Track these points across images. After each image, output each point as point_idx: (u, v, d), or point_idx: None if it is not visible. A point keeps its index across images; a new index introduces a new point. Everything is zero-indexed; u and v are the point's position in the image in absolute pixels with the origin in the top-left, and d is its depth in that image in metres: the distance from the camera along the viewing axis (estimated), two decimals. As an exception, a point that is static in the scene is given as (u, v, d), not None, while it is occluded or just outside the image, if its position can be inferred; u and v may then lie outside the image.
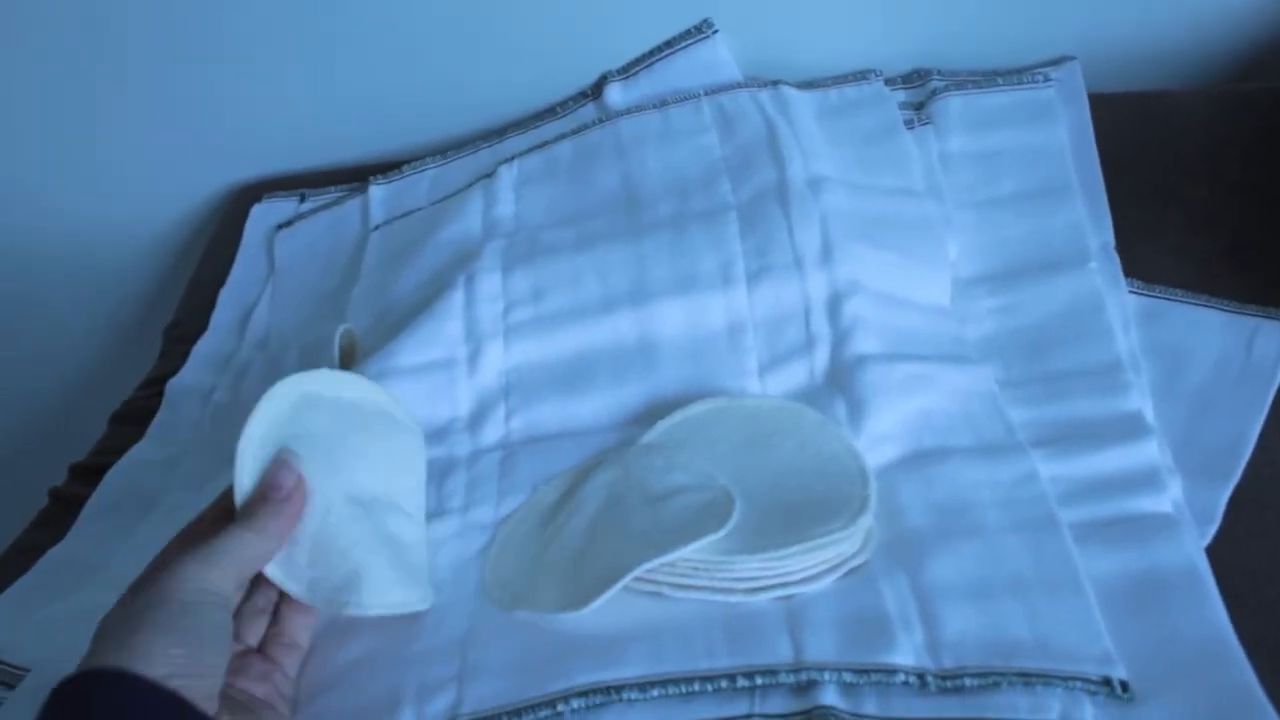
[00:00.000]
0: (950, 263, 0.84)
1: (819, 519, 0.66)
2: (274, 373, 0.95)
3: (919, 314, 0.81)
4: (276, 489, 0.63)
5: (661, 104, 0.98)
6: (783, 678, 0.59)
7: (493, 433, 0.79)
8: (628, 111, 0.99)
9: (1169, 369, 0.79)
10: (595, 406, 0.79)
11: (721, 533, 0.65)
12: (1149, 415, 0.74)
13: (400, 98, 1.10)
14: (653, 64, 1.03)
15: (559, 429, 0.79)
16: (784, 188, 0.85)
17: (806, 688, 0.59)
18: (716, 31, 1.01)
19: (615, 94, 1.04)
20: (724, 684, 0.59)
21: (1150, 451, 0.71)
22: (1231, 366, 0.78)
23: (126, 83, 1.10)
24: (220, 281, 1.07)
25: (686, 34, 1.02)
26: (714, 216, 0.85)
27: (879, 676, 0.59)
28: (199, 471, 0.90)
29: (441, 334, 0.82)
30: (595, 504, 0.70)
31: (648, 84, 1.03)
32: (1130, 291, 0.82)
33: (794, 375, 0.78)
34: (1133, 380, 0.75)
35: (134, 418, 1.00)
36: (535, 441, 0.78)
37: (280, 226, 1.09)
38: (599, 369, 0.80)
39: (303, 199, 1.11)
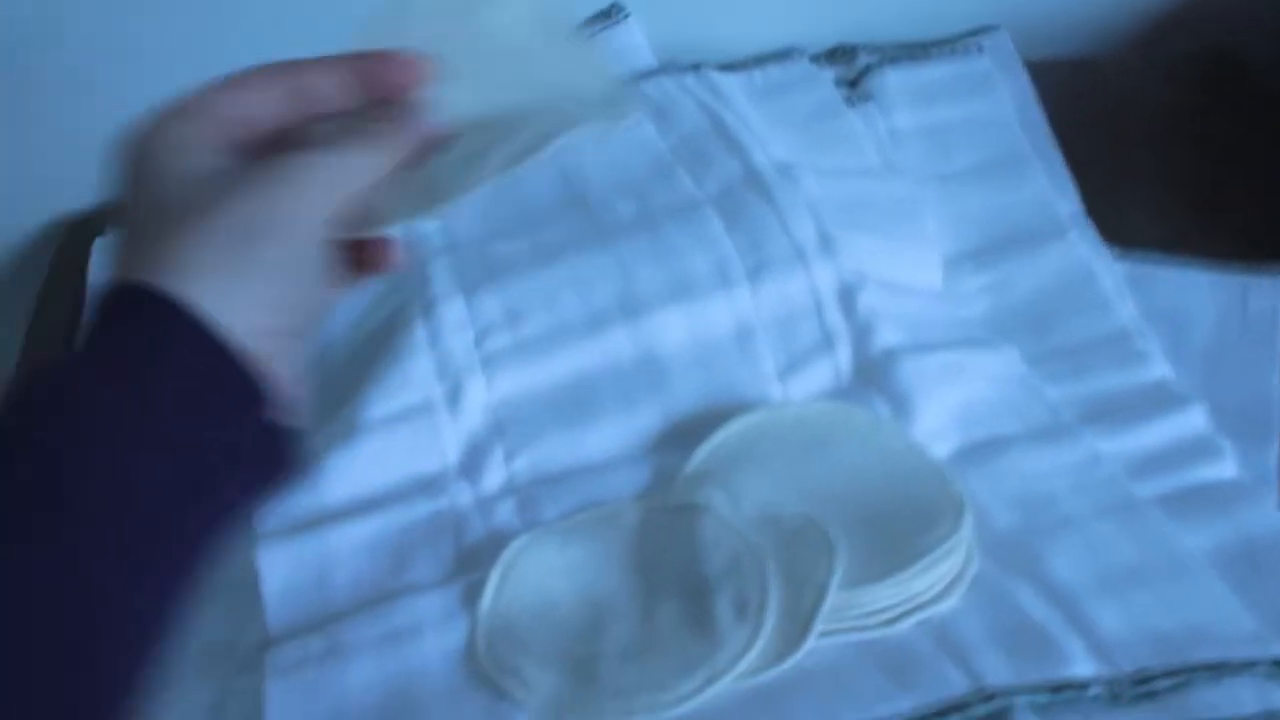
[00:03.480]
0: (935, 242, 0.81)
1: (920, 527, 0.61)
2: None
3: (922, 300, 0.77)
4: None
5: (580, 96, 0.90)
6: (975, 710, 0.54)
7: (494, 478, 0.70)
8: (543, 106, 0.91)
9: (1170, 334, 0.77)
10: (608, 435, 0.71)
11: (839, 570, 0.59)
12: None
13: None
14: (561, 53, 0.95)
15: (572, 464, 0.70)
16: (756, 177, 0.79)
17: (994, 717, 0.54)
18: (628, 15, 0.93)
19: (523, 88, 0.94)
20: None
21: (1198, 417, 0.70)
22: (1231, 326, 0.78)
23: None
24: (66, 333, 0.91)
25: (596, 18, 0.93)
26: (690, 213, 0.78)
27: (1071, 693, 0.55)
28: None
29: (410, 376, 0.72)
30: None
31: (558, 75, 0.94)
32: (1114, 259, 0.81)
33: (818, 376, 0.73)
34: (1147, 348, 0.74)
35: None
36: (549, 482, 0.69)
37: (136, 263, 0.94)
38: (602, 393, 0.72)
39: (158, 229, 0.96)
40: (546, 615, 0.62)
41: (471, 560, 0.66)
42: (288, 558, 0.67)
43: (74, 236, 0.99)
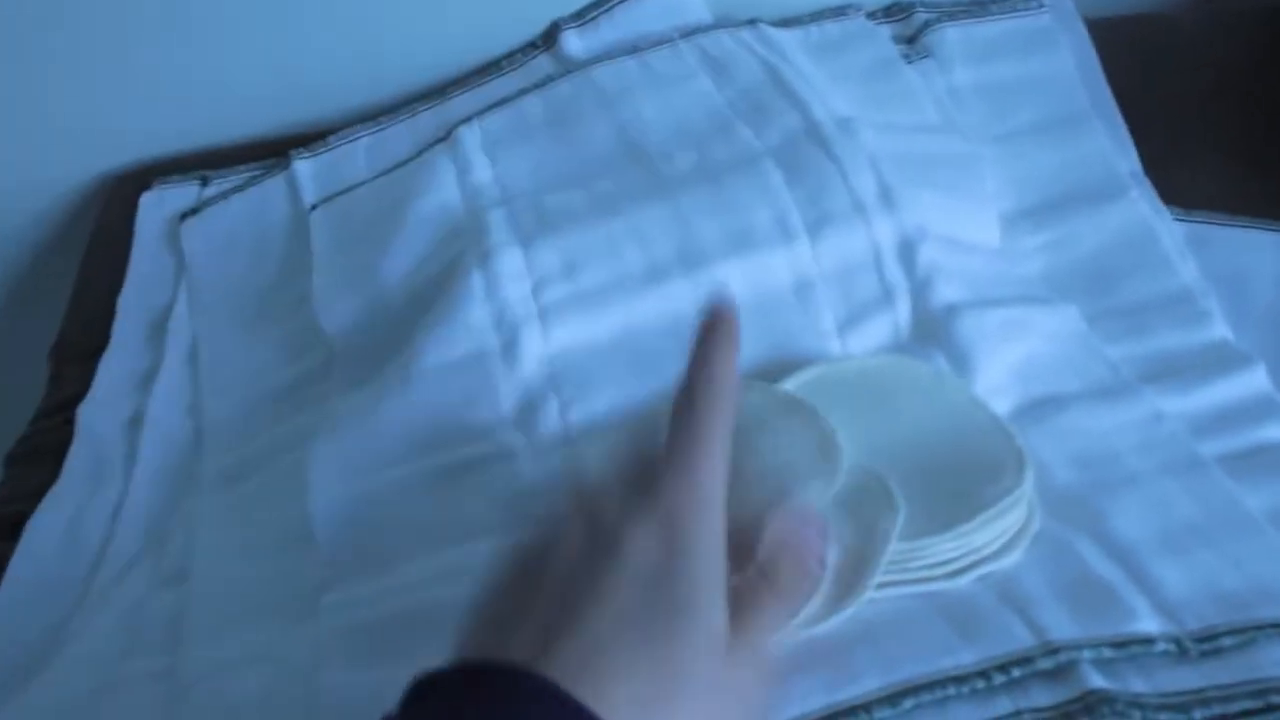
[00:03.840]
0: (994, 200, 0.80)
1: (982, 480, 0.60)
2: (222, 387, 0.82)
3: (981, 256, 0.76)
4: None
5: (634, 50, 0.90)
6: (1040, 664, 0.53)
7: (549, 430, 0.69)
8: (595, 60, 0.90)
9: (1230, 294, 0.76)
10: (663, 388, 0.70)
11: (899, 518, 0.58)
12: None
13: (308, 60, 0.97)
14: (612, 8, 0.94)
15: (627, 417, 0.69)
16: (816, 130, 0.78)
17: (1059, 672, 0.53)
18: (686, -30, 0.93)
19: (573, 42, 0.94)
20: (980, 684, 0.52)
21: (1261, 377, 0.68)
22: (1292, 286, 0.77)
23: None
24: (112, 287, 0.91)
25: (652, -27, 0.93)
26: (749, 166, 0.77)
27: (1137, 649, 0.53)
28: (156, 514, 0.77)
29: (466, 324, 0.72)
30: None
31: (609, 30, 0.94)
32: (1174, 219, 0.80)
33: (877, 331, 0.72)
34: (1209, 308, 0.73)
35: (36, 456, 0.84)
36: (604, 435, 0.69)
37: (184, 216, 0.94)
38: (660, 346, 0.71)
39: (204, 183, 0.96)
40: None
41: (525, 505, 0.65)
42: (343, 504, 0.68)
43: (122, 190, 0.99)
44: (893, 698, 0.52)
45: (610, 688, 0.39)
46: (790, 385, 0.68)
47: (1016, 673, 0.53)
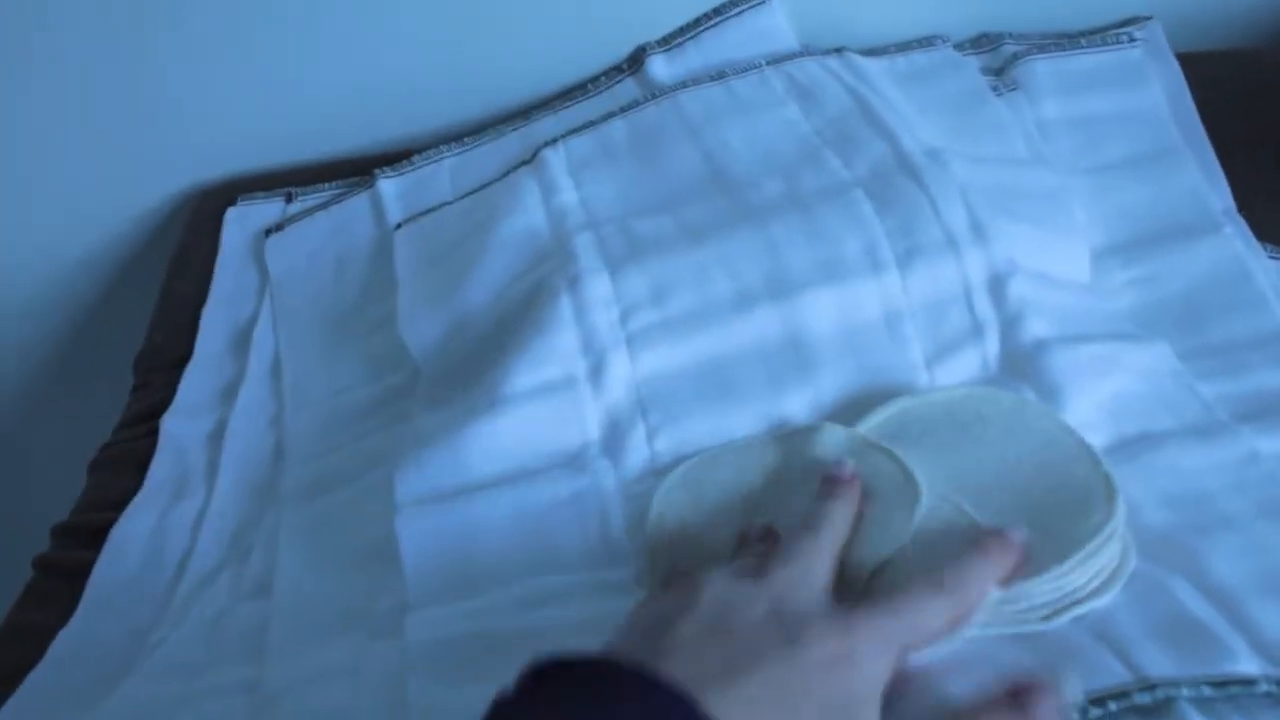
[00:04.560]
0: (1084, 234, 0.79)
1: (1074, 516, 0.59)
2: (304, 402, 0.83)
3: (1071, 292, 0.75)
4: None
5: (720, 76, 0.90)
6: (1137, 698, 0.52)
7: (636, 457, 0.69)
8: (681, 85, 0.90)
9: (1323, 334, 0.75)
10: (753, 416, 0.70)
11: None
12: None
13: (393, 80, 0.98)
14: (699, 33, 0.94)
15: (714, 445, 0.69)
16: (905, 160, 0.77)
17: (1157, 709, 0.52)
18: (772, -4, 0.93)
19: (659, 67, 0.94)
20: (1077, 717, 0.51)
21: None
22: (1387, 328, 0.75)
23: (53, 74, 0.94)
24: (196, 299, 0.92)
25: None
26: (839, 195, 0.76)
27: (1238, 689, 0.52)
28: (237, 525, 0.78)
29: (555, 349, 0.72)
30: None
31: (695, 55, 0.94)
32: (1269, 256, 0.79)
33: (965, 365, 0.71)
34: None
35: (119, 464, 0.85)
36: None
37: (269, 232, 0.95)
38: (748, 374, 0.71)
39: (289, 199, 0.97)
40: None
41: (617, 549, 0.65)
42: (429, 527, 0.67)
43: (208, 205, 1.00)
44: None
45: None
46: (876, 419, 0.67)
47: (1113, 706, 0.52)
